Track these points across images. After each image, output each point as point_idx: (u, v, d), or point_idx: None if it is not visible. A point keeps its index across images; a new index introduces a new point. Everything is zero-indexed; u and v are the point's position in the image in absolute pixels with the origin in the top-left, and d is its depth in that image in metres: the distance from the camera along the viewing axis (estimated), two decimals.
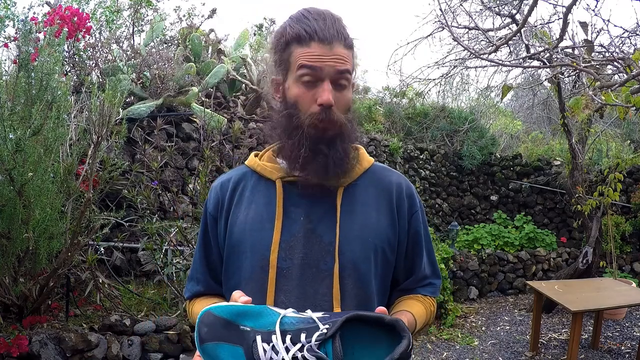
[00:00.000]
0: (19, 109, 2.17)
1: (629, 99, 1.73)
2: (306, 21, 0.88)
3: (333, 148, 0.90)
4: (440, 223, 6.53)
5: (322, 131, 0.89)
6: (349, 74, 0.90)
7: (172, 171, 3.68)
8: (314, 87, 0.88)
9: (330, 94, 0.87)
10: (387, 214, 0.98)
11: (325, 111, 0.88)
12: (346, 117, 0.92)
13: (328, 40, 0.87)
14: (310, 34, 0.87)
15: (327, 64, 0.87)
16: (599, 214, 4.65)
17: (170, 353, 2.56)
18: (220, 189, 1.03)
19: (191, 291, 1.06)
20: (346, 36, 0.90)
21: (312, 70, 0.87)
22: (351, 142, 0.95)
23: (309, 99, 0.89)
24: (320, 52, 0.87)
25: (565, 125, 4.52)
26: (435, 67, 4.72)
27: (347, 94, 0.92)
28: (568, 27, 1.85)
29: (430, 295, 1.05)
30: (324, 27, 0.87)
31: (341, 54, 0.88)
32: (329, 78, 0.88)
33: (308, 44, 0.87)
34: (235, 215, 0.98)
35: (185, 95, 3.90)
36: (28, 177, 2.11)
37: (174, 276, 2.77)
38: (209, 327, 0.74)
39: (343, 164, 0.92)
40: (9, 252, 2.20)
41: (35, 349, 2.19)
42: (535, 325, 3.73)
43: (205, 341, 0.73)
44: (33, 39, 2.48)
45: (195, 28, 4.94)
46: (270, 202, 0.96)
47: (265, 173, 0.99)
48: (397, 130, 7.04)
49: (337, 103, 0.89)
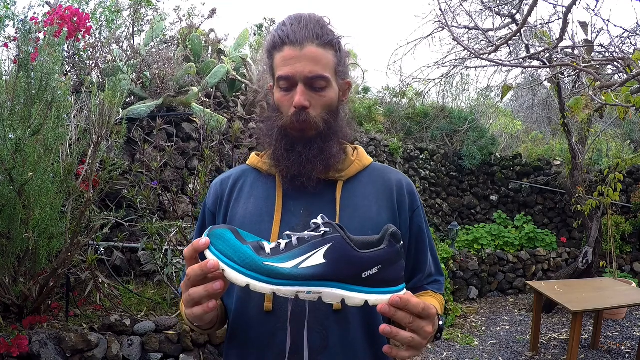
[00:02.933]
0: (18, 109, 2.17)
1: (629, 99, 1.73)
2: (283, 27, 0.93)
3: (308, 147, 0.94)
4: (440, 223, 6.53)
5: (300, 132, 0.94)
6: (323, 75, 0.92)
7: (172, 171, 3.68)
8: (291, 91, 0.93)
9: (303, 96, 0.91)
10: (387, 209, 0.99)
11: (299, 113, 0.91)
12: (323, 118, 0.94)
13: (299, 42, 0.90)
14: (283, 38, 0.91)
15: (297, 67, 0.90)
16: (599, 214, 4.65)
17: (170, 353, 2.55)
18: (220, 186, 1.05)
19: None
20: (321, 34, 0.91)
21: (286, 79, 0.91)
22: (334, 139, 0.97)
23: (287, 102, 0.93)
24: (291, 54, 0.90)
25: (565, 125, 4.52)
26: (435, 67, 4.73)
27: (327, 94, 0.94)
28: (568, 27, 1.85)
29: (438, 292, 1.07)
30: (297, 29, 0.90)
31: (312, 53, 0.90)
32: (302, 81, 0.91)
33: (282, 48, 0.92)
34: (234, 210, 0.99)
35: (185, 95, 3.90)
36: (28, 177, 2.11)
37: (174, 276, 2.77)
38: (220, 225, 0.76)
39: (317, 161, 0.94)
40: (9, 252, 2.20)
41: (35, 349, 2.19)
42: (535, 325, 3.73)
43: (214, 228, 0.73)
44: (33, 39, 2.48)
45: (195, 28, 4.94)
46: (270, 195, 0.98)
47: (265, 168, 1.02)
48: (397, 130, 7.04)
49: (313, 104, 0.92)
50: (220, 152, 3.71)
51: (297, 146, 0.94)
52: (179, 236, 2.84)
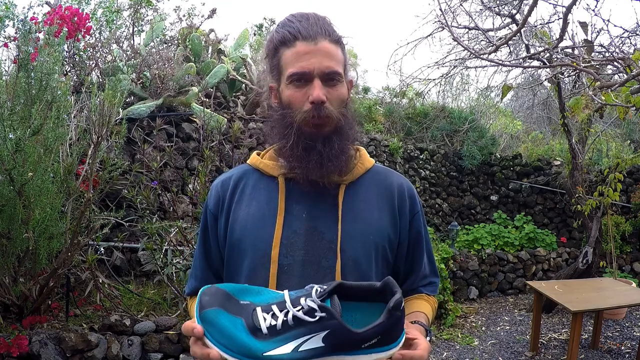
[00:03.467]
0: (18, 109, 2.17)
1: (629, 99, 1.73)
2: (290, 24, 0.91)
3: (328, 145, 0.92)
4: (440, 223, 6.53)
5: (317, 127, 0.91)
6: (338, 70, 0.91)
7: (172, 171, 3.68)
8: (305, 86, 0.90)
9: (321, 90, 0.89)
10: (388, 213, 0.99)
11: (317, 107, 0.89)
12: (341, 112, 0.93)
13: (312, 37, 0.89)
14: (294, 34, 0.89)
15: (312, 62, 0.88)
16: (599, 214, 4.64)
17: (170, 353, 2.55)
18: (221, 187, 1.03)
19: (190, 287, 1.07)
20: (331, 32, 0.91)
21: (302, 74, 0.89)
22: (349, 138, 0.96)
23: (301, 97, 0.91)
24: (305, 49, 0.89)
25: (565, 125, 4.52)
26: (435, 67, 4.72)
27: (340, 89, 0.93)
28: (568, 27, 1.85)
29: (432, 295, 1.08)
30: (307, 26, 0.90)
31: (327, 48, 0.90)
32: (318, 76, 0.89)
33: (293, 44, 0.90)
34: (236, 212, 0.98)
35: (185, 95, 3.90)
36: (28, 177, 2.11)
37: (174, 276, 2.77)
38: (210, 296, 0.74)
39: (339, 161, 0.92)
40: (9, 252, 2.20)
41: (35, 349, 2.19)
42: (535, 325, 3.73)
43: (205, 308, 0.72)
44: (33, 39, 2.48)
45: (195, 28, 4.94)
46: (272, 198, 0.96)
47: (267, 170, 1.00)
48: (397, 130, 7.04)
49: (329, 98, 0.90)
50: (220, 152, 3.71)
51: (317, 144, 0.91)
52: (179, 236, 2.84)
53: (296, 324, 0.70)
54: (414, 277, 1.05)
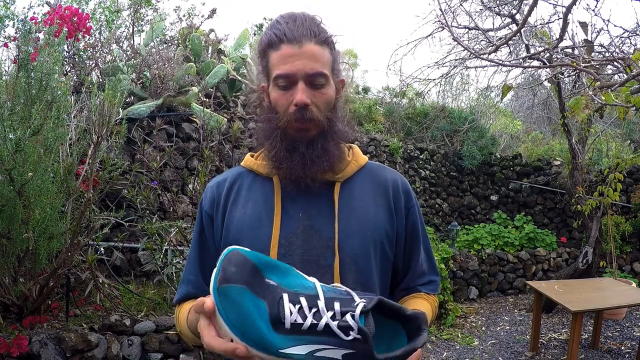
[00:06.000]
0: (18, 109, 2.17)
1: (629, 99, 1.73)
2: (277, 26, 0.91)
3: (311, 147, 0.92)
4: (440, 223, 6.53)
5: (301, 131, 0.91)
6: (323, 72, 0.91)
7: (172, 171, 3.68)
8: (290, 89, 0.90)
9: (304, 93, 0.89)
10: (384, 208, 0.99)
11: (300, 111, 0.89)
12: (327, 115, 0.93)
13: (297, 40, 0.88)
14: (280, 36, 0.89)
15: (297, 64, 0.88)
16: (599, 214, 4.65)
17: (170, 353, 2.55)
18: (217, 188, 1.03)
19: (181, 294, 1.03)
20: (317, 32, 0.91)
21: (285, 77, 0.89)
22: (336, 139, 0.96)
23: (285, 100, 0.91)
24: (290, 52, 0.89)
25: (565, 125, 4.52)
26: (435, 67, 4.73)
27: (326, 91, 0.92)
28: (568, 27, 1.85)
29: (432, 293, 1.06)
30: (293, 27, 0.89)
31: (312, 50, 0.89)
32: (302, 79, 0.89)
33: (279, 46, 0.90)
34: (231, 214, 0.98)
35: (185, 95, 3.90)
36: (28, 177, 2.11)
37: (174, 276, 2.77)
38: (237, 267, 0.66)
39: (321, 161, 0.92)
40: (9, 252, 2.20)
41: (35, 349, 2.19)
42: (535, 325, 3.73)
43: (229, 282, 0.64)
44: (33, 39, 2.48)
45: (195, 28, 4.94)
46: (268, 199, 0.96)
47: (261, 170, 1.00)
48: (397, 130, 7.04)
49: (314, 102, 0.90)
50: (220, 152, 3.70)
51: (300, 146, 0.91)
52: (179, 236, 2.84)
53: (325, 332, 0.65)
54: (411, 273, 1.04)
